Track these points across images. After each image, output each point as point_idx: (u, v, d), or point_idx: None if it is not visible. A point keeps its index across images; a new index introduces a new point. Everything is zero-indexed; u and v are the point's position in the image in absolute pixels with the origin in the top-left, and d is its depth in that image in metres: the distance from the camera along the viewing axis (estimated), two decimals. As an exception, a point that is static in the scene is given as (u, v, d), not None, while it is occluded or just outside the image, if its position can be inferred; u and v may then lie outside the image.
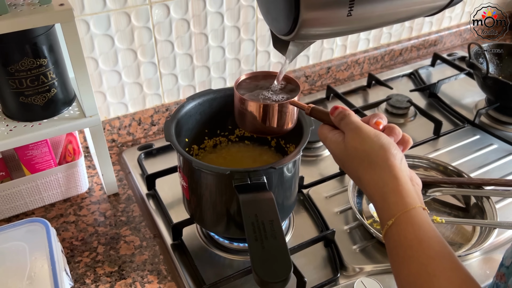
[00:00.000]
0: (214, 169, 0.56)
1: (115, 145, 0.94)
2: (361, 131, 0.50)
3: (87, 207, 0.79)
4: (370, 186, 0.49)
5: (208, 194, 0.62)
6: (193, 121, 0.69)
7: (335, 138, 0.52)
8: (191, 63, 0.94)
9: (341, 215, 0.77)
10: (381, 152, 0.48)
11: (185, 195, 0.66)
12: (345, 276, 0.67)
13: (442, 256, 0.43)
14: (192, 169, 0.59)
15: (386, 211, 0.47)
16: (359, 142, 0.49)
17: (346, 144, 0.50)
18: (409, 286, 0.43)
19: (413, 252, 0.44)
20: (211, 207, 0.63)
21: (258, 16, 0.95)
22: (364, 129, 0.50)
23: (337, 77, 1.17)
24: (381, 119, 0.52)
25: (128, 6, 0.81)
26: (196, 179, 0.61)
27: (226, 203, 0.61)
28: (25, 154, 0.74)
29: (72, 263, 0.69)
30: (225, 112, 0.70)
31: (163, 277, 0.67)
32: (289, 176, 0.62)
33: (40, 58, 0.64)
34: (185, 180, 0.63)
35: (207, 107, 0.70)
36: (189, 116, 0.68)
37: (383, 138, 0.49)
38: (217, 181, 0.59)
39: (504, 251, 0.70)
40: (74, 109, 0.72)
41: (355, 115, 0.53)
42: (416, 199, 0.46)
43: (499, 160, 0.90)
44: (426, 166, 0.86)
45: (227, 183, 0.56)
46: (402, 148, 0.51)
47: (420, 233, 0.44)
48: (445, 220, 0.74)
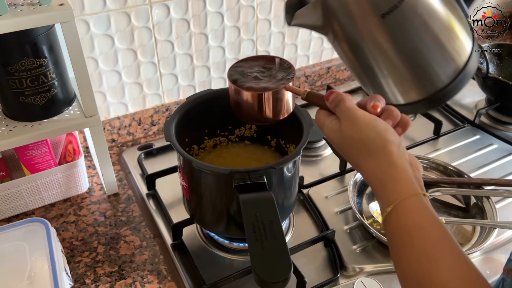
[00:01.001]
0: (214, 169, 0.56)
1: (115, 145, 0.94)
2: (356, 118, 0.49)
3: (87, 207, 0.79)
4: (369, 174, 0.48)
5: (208, 194, 0.62)
6: (193, 121, 0.69)
7: (332, 126, 0.51)
8: (191, 63, 0.94)
9: (341, 215, 0.77)
10: (377, 140, 0.47)
11: (185, 195, 0.66)
12: (345, 276, 0.67)
13: (442, 242, 0.43)
14: (192, 169, 0.59)
15: (386, 199, 0.46)
16: (355, 131, 0.48)
17: (343, 133, 0.50)
18: (410, 273, 0.43)
19: (413, 239, 0.43)
20: (211, 207, 0.63)
21: (258, 16, 0.95)
22: (359, 116, 0.49)
23: (337, 77, 1.17)
24: (378, 101, 0.51)
25: (128, 6, 0.81)
26: (196, 179, 0.61)
27: (226, 203, 0.61)
28: (25, 154, 0.74)
29: (72, 263, 0.69)
30: (225, 112, 0.69)
31: (163, 277, 0.67)
32: (289, 176, 0.62)
33: (40, 58, 0.64)
34: (185, 180, 0.63)
35: (207, 107, 0.70)
36: (189, 116, 0.68)
37: (379, 125, 0.48)
38: (217, 181, 0.59)
39: (504, 251, 0.71)
40: (74, 109, 0.72)
41: (350, 99, 0.51)
42: (416, 185, 0.46)
43: (499, 160, 0.90)
44: (426, 166, 0.86)
45: (227, 183, 0.56)
46: (401, 130, 0.50)
47: (420, 220, 0.44)
48: (445, 220, 0.74)
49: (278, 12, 0.97)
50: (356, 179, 0.80)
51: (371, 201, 0.80)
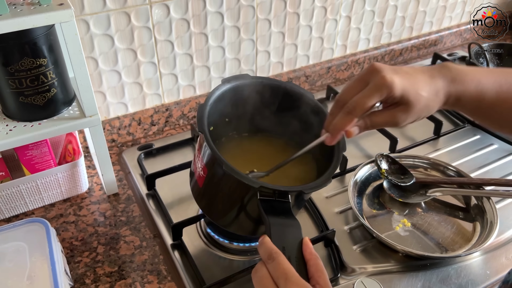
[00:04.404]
0: (244, 179, 0.53)
1: (115, 145, 0.94)
2: None
3: (87, 207, 0.79)
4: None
5: (225, 190, 0.59)
6: (223, 107, 0.65)
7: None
8: (191, 63, 0.94)
9: (341, 215, 0.77)
10: None
11: (198, 182, 0.62)
12: (345, 276, 0.67)
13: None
14: (218, 166, 0.56)
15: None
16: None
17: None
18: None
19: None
20: (225, 202, 0.61)
21: (258, 16, 0.95)
22: None
23: (337, 77, 1.17)
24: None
25: (128, 6, 0.80)
26: (219, 176, 0.58)
27: (242, 204, 0.59)
28: (25, 154, 0.74)
29: (72, 263, 0.69)
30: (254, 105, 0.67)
31: (163, 277, 0.67)
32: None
33: (40, 58, 0.64)
34: (204, 171, 0.60)
35: (239, 95, 0.65)
36: (221, 101, 0.63)
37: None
38: (241, 186, 0.56)
39: (504, 251, 0.71)
40: (74, 109, 0.72)
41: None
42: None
43: (499, 160, 0.90)
44: (426, 166, 0.86)
45: (251, 191, 0.54)
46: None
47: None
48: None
49: (278, 12, 0.97)
50: (356, 179, 0.81)
51: (371, 201, 0.80)
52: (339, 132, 0.51)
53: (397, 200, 0.79)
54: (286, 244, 0.48)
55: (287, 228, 0.51)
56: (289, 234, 0.50)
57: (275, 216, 0.51)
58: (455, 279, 0.67)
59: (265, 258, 0.45)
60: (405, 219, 0.76)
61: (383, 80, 0.48)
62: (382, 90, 0.48)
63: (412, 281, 0.66)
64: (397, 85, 0.48)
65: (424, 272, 0.68)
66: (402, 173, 0.81)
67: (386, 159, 0.82)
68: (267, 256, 0.45)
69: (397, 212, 0.78)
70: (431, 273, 0.68)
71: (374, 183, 0.83)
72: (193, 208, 0.78)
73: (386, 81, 0.48)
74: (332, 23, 1.08)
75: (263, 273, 0.45)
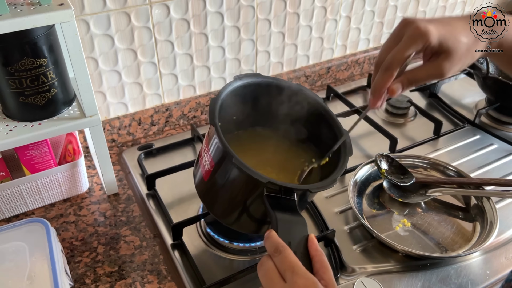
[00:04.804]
0: (253, 174, 0.53)
1: (115, 145, 0.94)
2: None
3: (87, 207, 0.79)
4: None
5: (231, 185, 0.59)
6: (232, 104, 0.65)
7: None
8: (191, 63, 0.94)
9: (341, 215, 0.77)
10: None
11: (204, 177, 0.62)
12: (345, 276, 0.67)
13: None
14: (226, 160, 0.56)
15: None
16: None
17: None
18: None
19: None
20: (230, 198, 0.60)
21: (258, 16, 0.95)
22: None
23: (337, 77, 1.17)
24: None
25: (128, 6, 0.80)
26: (226, 170, 0.58)
27: (247, 200, 0.59)
28: (25, 154, 0.74)
29: (72, 263, 0.69)
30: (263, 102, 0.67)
31: (163, 277, 0.67)
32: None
33: (40, 58, 0.64)
34: (211, 164, 0.59)
35: (250, 92, 0.66)
36: (231, 97, 0.63)
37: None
38: (248, 181, 0.56)
39: (504, 251, 0.71)
40: (74, 109, 0.72)
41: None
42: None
43: (499, 160, 0.90)
44: (426, 166, 0.86)
45: (258, 186, 0.54)
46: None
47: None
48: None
49: (278, 12, 0.97)
50: (356, 179, 0.81)
51: (371, 201, 0.80)
52: (381, 92, 0.50)
53: (397, 200, 0.79)
54: (292, 239, 0.48)
55: (293, 224, 0.51)
56: (295, 230, 0.50)
57: (281, 212, 0.51)
58: (455, 279, 0.67)
59: (272, 251, 0.46)
60: (405, 219, 0.76)
61: (418, 30, 0.47)
62: (417, 40, 0.47)
63: (412, 281, 0.67)
64: (432, 33, 0.47)
65: (424, 272, 0.68)
66: (402, 173, 0.81)
67: (386, 159, 0.82)
68: (273, 249, 0.45)
69: (397, 212, 0.78)
70: (431, 273, 0.68)
71: (374, 183, 0.83)
72: (193, 208, 0.78)
73: (421, 30, 0.47)
74: (332, 23, 1.08)
75: (269, 265, 0.45)
